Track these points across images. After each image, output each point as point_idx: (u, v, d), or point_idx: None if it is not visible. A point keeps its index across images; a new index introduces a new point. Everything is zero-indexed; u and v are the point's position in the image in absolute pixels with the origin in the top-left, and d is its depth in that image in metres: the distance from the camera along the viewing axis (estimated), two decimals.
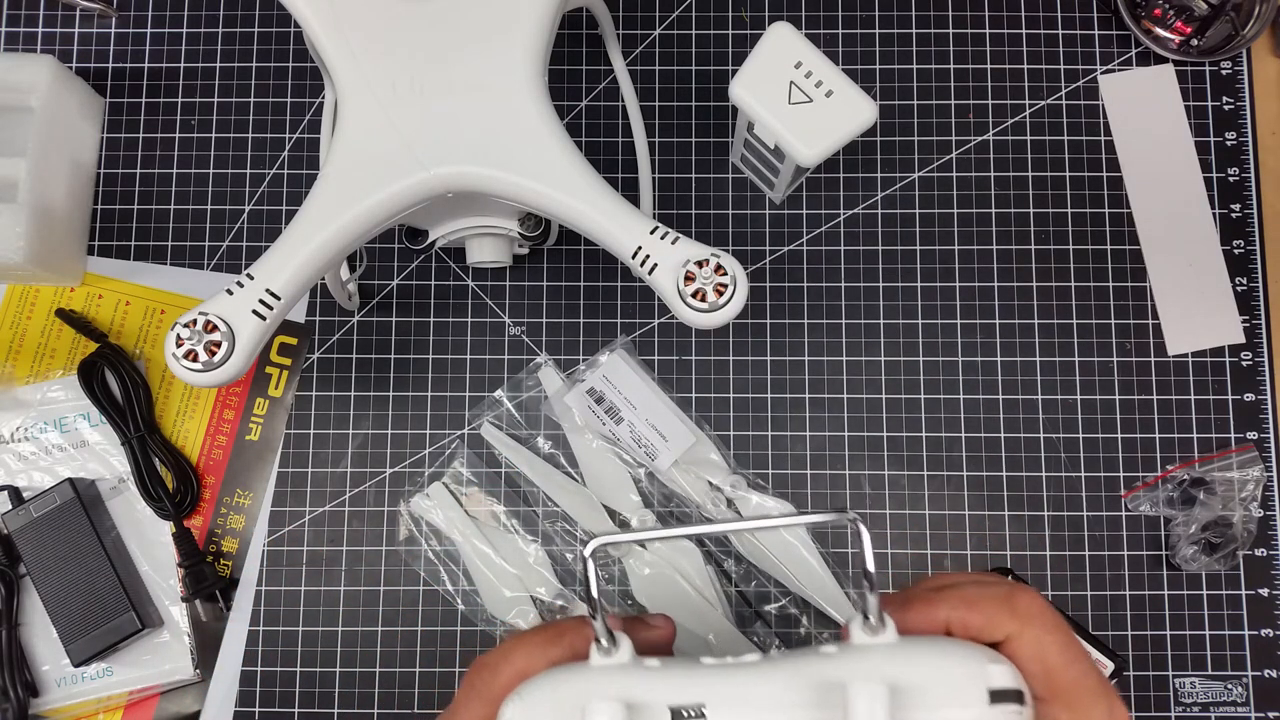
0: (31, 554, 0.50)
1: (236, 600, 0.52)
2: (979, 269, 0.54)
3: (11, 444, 0.53)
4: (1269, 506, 0.52)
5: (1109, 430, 0.53)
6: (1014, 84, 0.56)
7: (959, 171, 0.55)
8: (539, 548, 0.52)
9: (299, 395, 0.54)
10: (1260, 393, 0.53)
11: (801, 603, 0.52)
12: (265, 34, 0.56)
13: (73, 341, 0.54)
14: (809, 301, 0.54)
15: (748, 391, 0.54)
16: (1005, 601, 0.30)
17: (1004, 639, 0.30)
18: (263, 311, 0.39)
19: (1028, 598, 0.30)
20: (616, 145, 0.55)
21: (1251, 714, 0.51)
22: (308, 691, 0.52)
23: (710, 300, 0.39)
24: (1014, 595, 0.30)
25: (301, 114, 0.56)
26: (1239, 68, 0.55)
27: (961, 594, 0.31)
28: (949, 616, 0.31)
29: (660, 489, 0.53)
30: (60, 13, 0.57)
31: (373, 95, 0.40)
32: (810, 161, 0.44)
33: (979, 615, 0.30)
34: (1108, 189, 0.55)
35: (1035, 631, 0.30)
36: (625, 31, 0.56)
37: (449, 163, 0.40)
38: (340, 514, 0.53)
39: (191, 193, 0.55)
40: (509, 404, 0.54)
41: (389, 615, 0.52)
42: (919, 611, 0.31)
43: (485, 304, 0.55)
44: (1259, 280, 0.54)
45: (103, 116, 0.56)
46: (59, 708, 0.51)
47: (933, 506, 0.53)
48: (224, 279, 0.55)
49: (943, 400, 0.53)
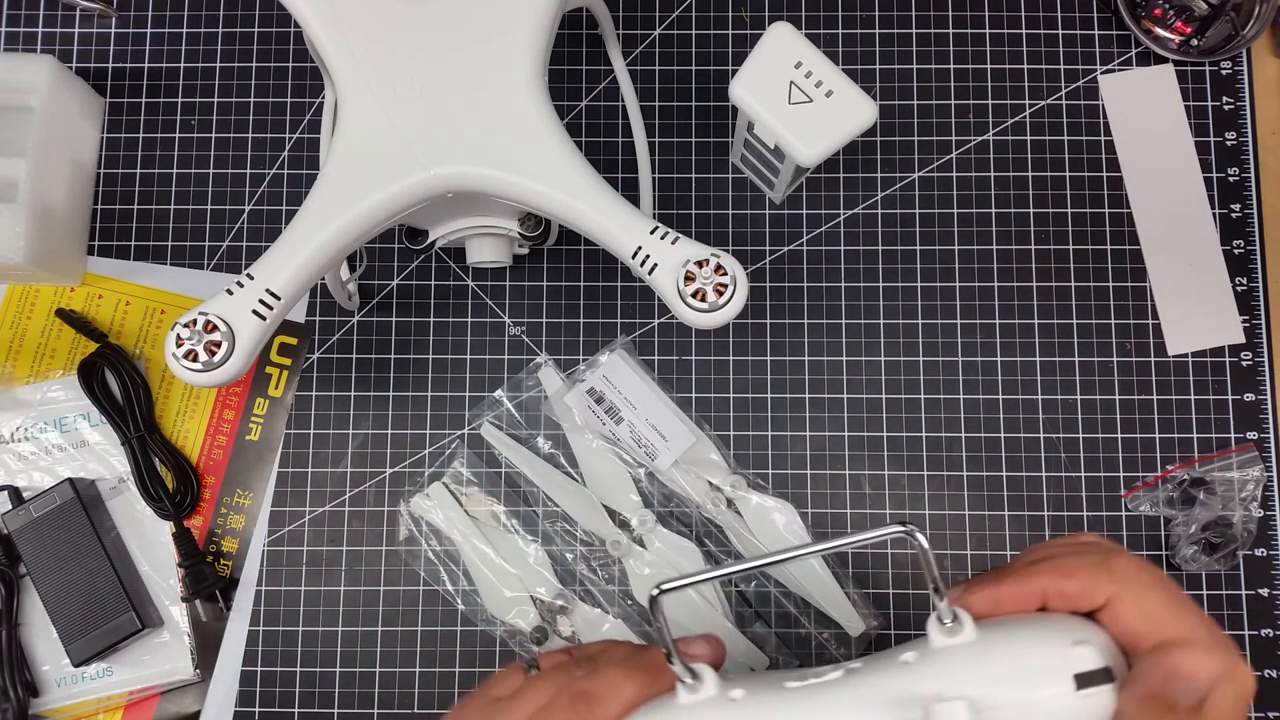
0: (31, 554, 0.50)
1: (236, 600, 0.52)
2: (979, 269, 0.54)
3: (11, 444, 0.53)
4: (1269, 506, 0.52)
5: (1109, 430, 0.53)
6: (1014, 84, 0.56)
7: (959, 171, 0.55)
8: (539, 548, 0.52)
9: (299, 395, 0.54)
10: (1260, 393, 0.53)
11: (802, 603, 0.52)
12: (265, 34, 0.56)
13: (73, 341, 0.54)
14: (809, 301, 0.54)
15: (748, 391, 0.54)
16: (1102, 566, 0.30)
17: (1105, 603, 0.30)
18: (263, 311, 0.39)
19: (1124, 559, 0.30)
20: (616, 145, 0.55)
21: (1251, 714, 0.51)
22: (308, 691, 0.52)
23: (710, 300, 0.39)
24: (1110, 559, 0.30)
25: (301, 114, 0.56)
26: (1239, 68, 0.55)
27: (1057, 565, 0.30)
28: (1045, 587, 0.30)
29: (660, 489, 0.53)
30: (60, 13, 0.57)
31: (373, 95, 0.40)
32: (810, 161, 0.44)
33: (1076, 583, 0.30)
34: (1108, 189, 0.55)
35: (1136, 592, 0.29)
36: (625, 31, 0.56)
37: (449, 163, 0.40)
38: (340, 514, 0.53)
39: (191, 193, 0.55)
40: (509, 404, 0.54)
41: (389, 615, 0.52)
42: (1013, 586, 0.30)
43: (485, 304, 0.55)
44: (1259, 280, 0.54)
45: (103, 116, 0.56)
46: (59, 708, 0.51)
47: (933, 506, 0.53)
48: (224, 279, 0.55)
49: (943, 400, 0.53)
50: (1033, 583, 0.30)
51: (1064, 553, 0.32)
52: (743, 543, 0.52)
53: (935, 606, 0.29)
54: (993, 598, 0.30)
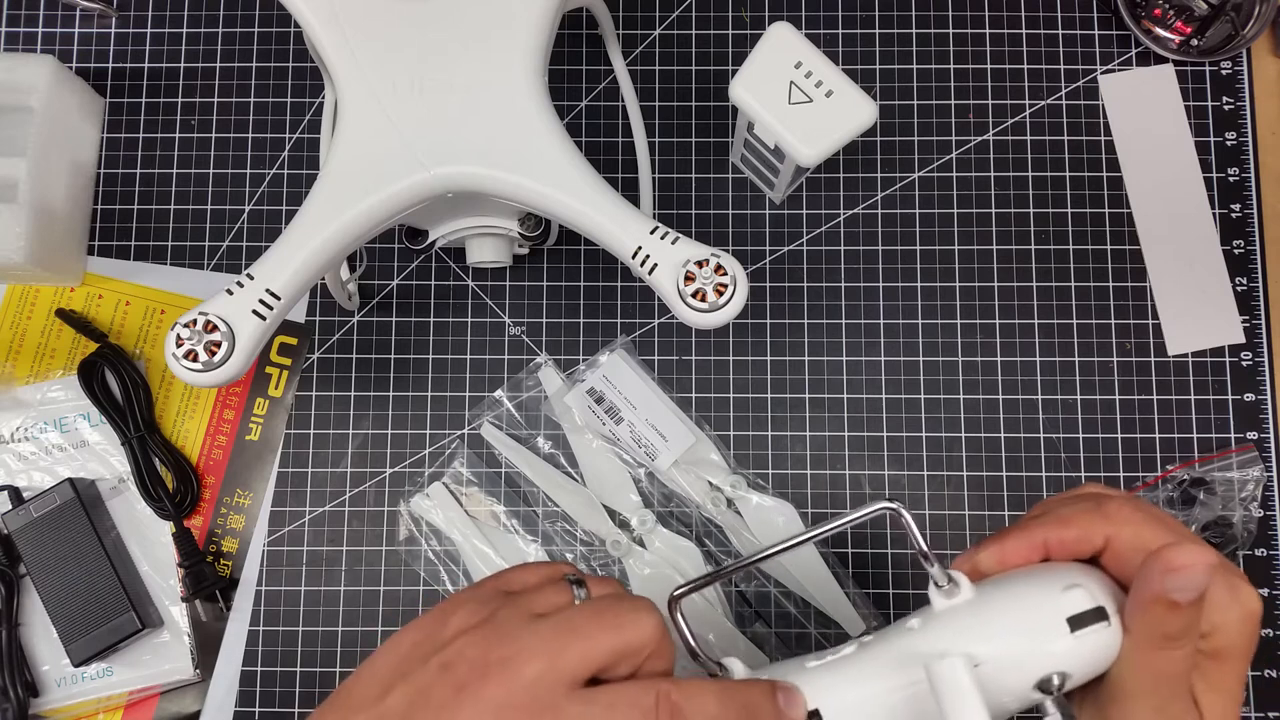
0: (31, 554, 0.50)
1: (236, 600, 0.52)
2: (979, 269, 0.54)
3: (11, 444, 0.53)
4: (1269, 506, 0.52)
5: (1109, 430, 0.53)
6: (1014, 84, 0.56)
7: (959, 171, 0.55)
8: (539, 548, 0.52)
9: (299, 395, 0.54)
10: (1260, 393, 0.53)
11: (802, 602, 0.52)
12: (265, 34, 0.56)
13: (73, 341, 0.54)
14: (809, 301, 0.54)
15: (748, 391, 0.54)
16: (1095, 510, 0.31)
17: (1104, 544, 0.30)
18: (263, 311, 0.39)
19: (1117, 501, 0.31)
20: (616, 145, 0.55)
21: (1252, 714, 0.51)
22: (308, 691, 0.52)
23: (710, 300, 0.39)
24: (1103, 502, 0.31)
25: (301, 114, 0.56)
26: (1239, 68, 0.55)
27: (1054, 515, 0.31)
28: (1046, 538, 0.31)
29: (660, 489, 0.53)
30: (60, 13, 0.57)
31: (373, 95, 0.40)
32: (810, 161, 0.44)
33: (1073, 529, 0.31)
34: (1108, 189, 0.55)
35: (1131, 529, 0.30)
36: (625, 31, 0.56)
37: (449, 163, 0.40)
38: (340, 514, 0.53)
39: (191, 193, 0.55)
40: (509, 404, 0.54)
41: (389, 615, 0.52)
42: (1015, 540, 0.31)
43: (485, 304, 0.55)
44: (1259, 280, 0.54)
45: (103, 116, 0.56)
46: (59, 708, 0.51)
47: (933, 506, 0.53)
48: (224, 279, 0.55)
49: (943, 400, 0.53)
50: (1034, 535, 0.31)
51: (1061, 503, 0.33)
52: (743, 543, 0.52)
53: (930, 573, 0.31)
54: (998, 554, 0.31)
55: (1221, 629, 0.29)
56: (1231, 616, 0.29)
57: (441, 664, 0.29)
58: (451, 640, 0.29)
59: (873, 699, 0.30)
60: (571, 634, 0.29)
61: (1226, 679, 0.29)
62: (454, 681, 0.28)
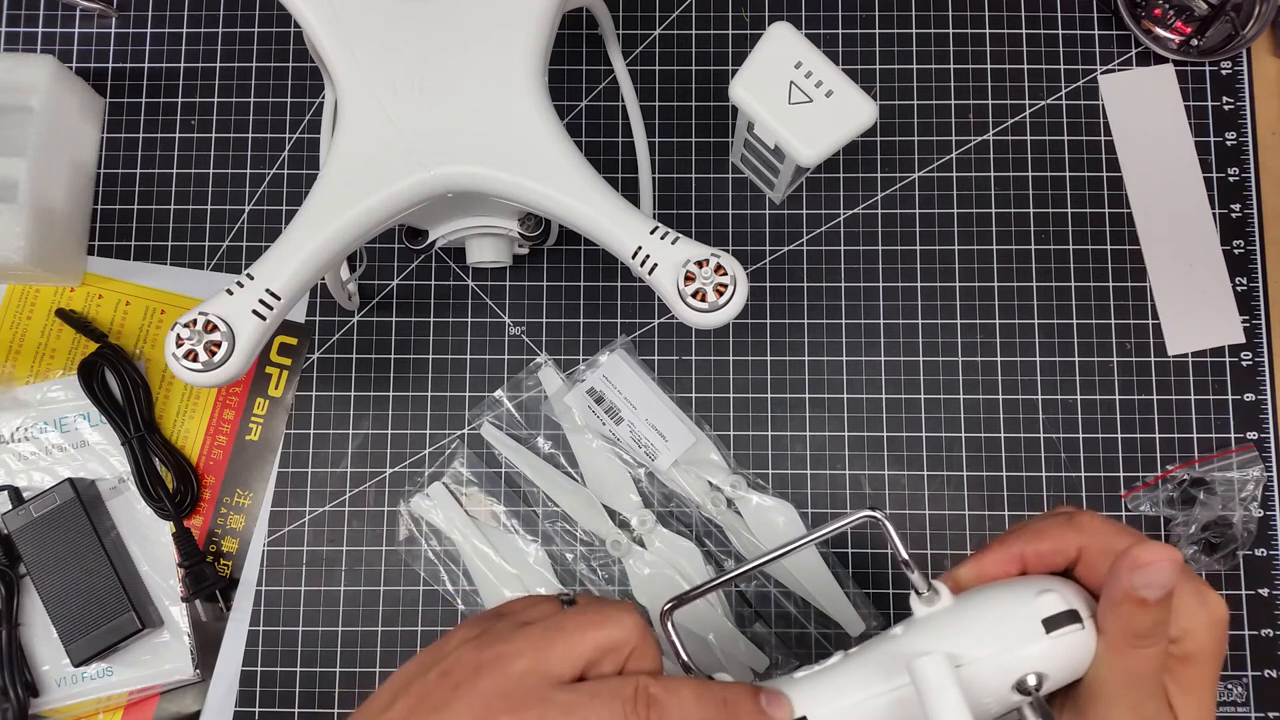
0: (31, 554, 0.50)
1: (236, 600, 0.52)
2: (979, 269, 0.54)
3: (11, 444, 0.53)
4: (1269, 506, 0.52)
5: (1109, 430, 0.53)
6: (1014, 84, 0.56)
7: (959, 171, 0.55)
8: (539, 548, 0.52)
9: (299, 395, 0.54)
10: (1260, 393, 0.53)
11: (802, 603, 0.52)
12: (265, 34, 0.56)
13: (73, 341, 0.54)
14: (809, 301, 0.54)
15: (748, 391, 0.54)
16: (1068, 524, 0.33)
17: (1077, 555, 0.32)
18: (263, 311, 0.39)
19: (1088, 515, 0.33)
20: (616, 145, 0.55)
21: (1252, 714, 0.51)
22: (308, 691, 0.52)
23: (710, 300, 0.39)
24: (1075, 516, 0.33)
25: (301, 114, 0.56)
26: (1239, 68, 0.55)
27: (1029, 529, 0.33)
28: (1022, 551, 0.33)
29: (660, 489, 0.53)
30: (60, 13, 0.57)
31: (373, 95, 0.40)
32: (810, 161, 0.44)
33: (1048, 541, 0.33)
34: (1108, 189, 0.55)
35: (1102, 539, 0.32)
36: (625, 31, 0.56)
37: (449, 163, 0.40)
38: (340, 514, 0.53)
39: (191, 193, 0.55)
40: (509, 404, 0.54)
41: (389, 615, 0.52)
42: (994, 554, 0.33)
43: (485, 304, 0.55)
44: (1259, 280, 0.54)
45: (103, 116, 0.56)
46: (59, 708, 0.51)
47: (933, 506, 0.53)
48: (224, 279, 0.55)
49: (943, 400, 0.53)
50: (1010, 548, 0.33)
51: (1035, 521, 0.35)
52: (743, 543, 0.52)
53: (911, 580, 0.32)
54: (976, 568, 0.33)
55: (1191, 633, 0.30)
56: (1200, 621, 0.30)
57: (441, 671, 0.32)
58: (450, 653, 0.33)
59: (859, 705, 0.31)
60: (557, 632, 0.32)
61: (1198, 681, 0.31)
62: (450, 683, 0.31)
